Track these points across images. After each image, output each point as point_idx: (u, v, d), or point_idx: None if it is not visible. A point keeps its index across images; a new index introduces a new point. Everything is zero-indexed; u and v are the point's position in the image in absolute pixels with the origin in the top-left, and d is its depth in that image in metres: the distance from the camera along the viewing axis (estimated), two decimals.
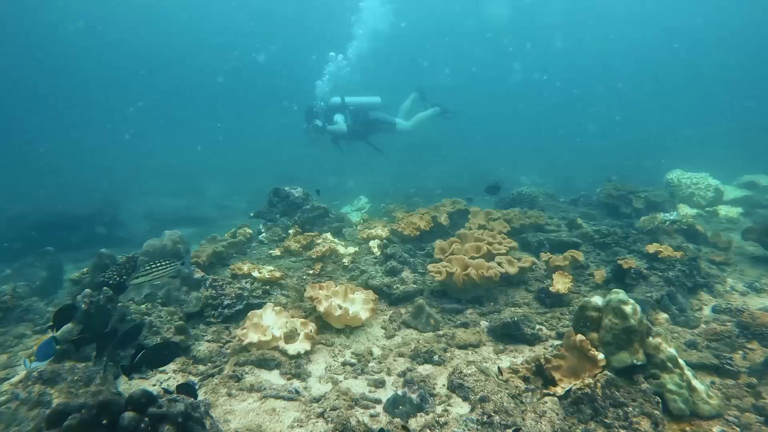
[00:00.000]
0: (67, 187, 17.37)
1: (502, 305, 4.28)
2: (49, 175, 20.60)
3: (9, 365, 3.69)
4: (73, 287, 5.21)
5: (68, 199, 12.20)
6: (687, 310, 3.90)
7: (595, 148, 24.15)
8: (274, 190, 6.48)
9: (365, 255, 5.37)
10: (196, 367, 3.42)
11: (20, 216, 10.34)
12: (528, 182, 16.32)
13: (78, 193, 14.25)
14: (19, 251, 9.63)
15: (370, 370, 3.39)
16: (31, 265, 7.39)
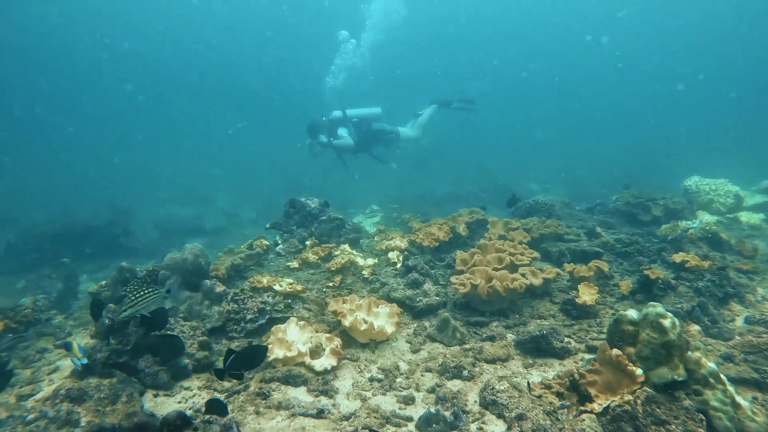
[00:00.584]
0: (80, 197, 17.46)
1: (527, 317, 4.21)
2: (63, 185, 20.72)
3: (33, 381, 3.65)
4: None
5: (81, 210, 12.22)
6: (719, 322, 3.82)
7: (603, 153, 24.07)
8: (290, 201, 6.45)
9: (384, 267, 5.32)
10: (221, 384, 3.36)
11: (34, 226, 10.35)
12: (537, 189, 16.26)
13: (91, 203, 14.26)
14: (34, 262, 9.64)
15: (398, 386, 3.33)
16: (47, 276, 7.37)
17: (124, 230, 11.27)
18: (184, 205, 16.79)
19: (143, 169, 24.87)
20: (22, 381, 3.65)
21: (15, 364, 3.95)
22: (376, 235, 6.53)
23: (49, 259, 9.56)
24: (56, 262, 7.71)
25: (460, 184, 17.26)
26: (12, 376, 3.21)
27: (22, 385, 3.60)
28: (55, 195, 18.12)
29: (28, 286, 7.36)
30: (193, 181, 20.68)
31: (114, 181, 21.34)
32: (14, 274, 9.76)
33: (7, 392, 3.54)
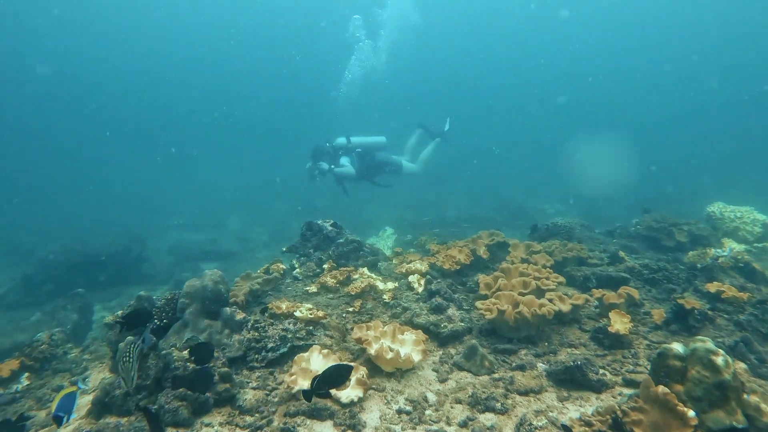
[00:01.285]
0: (95, 225, 17.52)
1: (557, 346, 4.06)
2: (78, 215, 20.85)
3: (48, 424, 3.53)
4: (108, 331, 5.10)
5: (96, 238, 12.23)
6: (767, 360, 3.64)
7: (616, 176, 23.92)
8: (307, 224, 6.37)
9: (405, 291, 5.20)
10: (243, 419, 3.23)
11: (50, 256, 10.34)
12: (552, 211, 16.12)
13: (105, 232, 14.28)
14: (49, 294, 9.61)
15: (428, 419, 3.18)
16: (62, 308, 7.32)
17: (139, 257, 11.25)
18: (196, 230, 16.80)
19: (155, 195, 25.02)
20: (38, 424, 3.53)
21: (30, 405, 3.85)
22: (394, 257, 6.42)
23: (64, 289, 9.52)
24: (71, 293, 7.67)
25: (476, 207, 17.18)
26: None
27: (37, 429, 3.49)
28: (70, 225, 18.23)
29: (42, 318, 7.30)
30: (204, 206, 20.74)
31: (127, 208, 21.46)
32: (29, 307, 9.72)
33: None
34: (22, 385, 4.08)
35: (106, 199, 24.88)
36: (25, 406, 3.84)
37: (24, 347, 4.42)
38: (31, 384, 4.13)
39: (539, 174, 24.43)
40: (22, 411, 3.60)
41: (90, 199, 25.53)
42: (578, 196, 18.29)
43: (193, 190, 24.72)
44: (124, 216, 19.20)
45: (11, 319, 9.00)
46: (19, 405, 3.88)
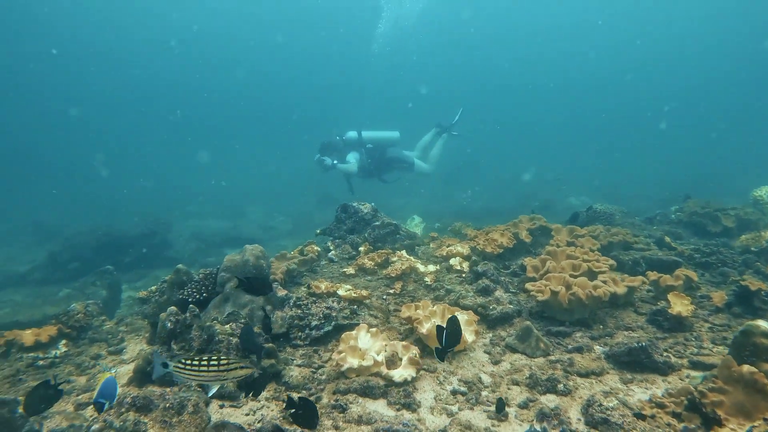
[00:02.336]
0: (120, 208, 17.65)
1: (612, 328, 3.85)
2: (103, 197, 21.06)
3: (90, 388, 3.44)
4: (142, 305, 5.01)
5: (122, 221, 12.26)
6: None
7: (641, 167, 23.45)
8: (342, 206, 6.23)
9: (447, 273, 5.02)
10: (290, 395, 3.09)
11: (76, 236, 10.38)
12: (578, 203, 15.80)
13: (130, 214, 14.35)
14: (75, 272, 9.64)
15: (485, 400, 3.01)
16: (92, 283, 7.28)
17: (163, 241, 11.23)
18: (218, 217, 16.80)
19: (178, 182, 25.16)
20: (79, 389, 3.44)
21: (70, 371, 3.76)
22: (430, 242, 6.24)
23: (89, 268, 9.54)
24: (100, 270, 7.63)
25: (499, 199, 16.94)
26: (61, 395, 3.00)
27: (79, 393, 3.40)
28: (97, 207, 18.39)
29: (72, 294, 7.28)
30: (226, 195, 20.76)
31: (151, 193, 21.61)
32: (56, 283, 9.77)
33: (63, 400, 3.33)
34: (60, 351, 4.00)
35: (130, 183, 25.14)
36: (65, 371, 3.76)
37: (60, 315, 4.34)
38: (69, 350, 4.05)
39: (562, 167, 24.05)
40: (61, 376, 3.52)
41: (113, 182, 25.82)
42: (607, 187, 17.97)
43: (214, 179, 24.74)
44: (149, 202, 19.31)
45: (39, 294, 9.04)
46: (58, 369, 3.80)
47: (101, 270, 7.64)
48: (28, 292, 9.54)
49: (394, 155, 9.61)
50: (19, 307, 7.71)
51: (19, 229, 15.64)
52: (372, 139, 9.49)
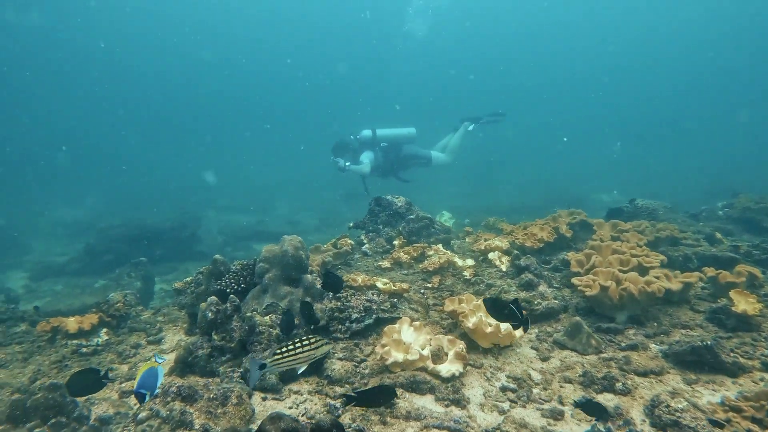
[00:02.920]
0: (152, 202, 17.92)
1: (667, 326, 3.66)
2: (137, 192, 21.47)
3: (132, 377, 3.41)
4: (178, 296, 4.99)
5: (153, 215, 12.40)
6: None
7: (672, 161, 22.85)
8: (375, 199, 6.12)
9: (486, 268, 4.87)
10: (333, 389, 3.00)
11: (110, 229, 10.53)
12: (609, 200, 15.42)
13: (161, 208, 14.54)
14: (110, 263, 9.78)
15: (537, 398, 2.87)
16: (126, 275, 7.33)
17: (193, 235, 11.30)
18: (245, 212, 16.88)
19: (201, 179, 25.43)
20: (122, 377, 3.42)
21: (112, 359, 3.75)
22: (465, 236, 6.10)
23: (123, 261, 9.66)
24: (135, 262, 7.69)
25: (527, 195, 16.66)
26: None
27: (122, 381, 3.37)
28: (130, 201, 18.72)
29: (108, 284, 7.35)
30: (252, 190, 20.89)
31: (180, 189, 21.90)
32: (91, 275, 9.94)
33: (108, 387, 3.31)
34: (102, 339, 3.99)
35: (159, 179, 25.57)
36: (107, 359, 3.75)
37: (100, 304, 4.34)
38: (110, 339, 4.04)
39: (591, 163, 23.58)
40: (108, 368, 3.51)
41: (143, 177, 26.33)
42: (634, 183, 17.52)
43: (240, 175, 24.95)
44: (178, 197, 19.57)
45: (77, 285, 9.22)
46: (100, 357, 3.79)
47: (135, 262, 7.70)
48: (67, 282, 9.75)
49: (410, 152, 9.27)
50: (59, 296, 7.85)
51: (55, 223, 15.98)
52: (387, 136, 9.17)
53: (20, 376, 3.66)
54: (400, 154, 9.18)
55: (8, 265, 11.67)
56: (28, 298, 9.11)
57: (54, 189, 23.87)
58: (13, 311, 4.78)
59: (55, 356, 3.81)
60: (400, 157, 9.18)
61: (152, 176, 26.87)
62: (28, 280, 10.30)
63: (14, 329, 4.56)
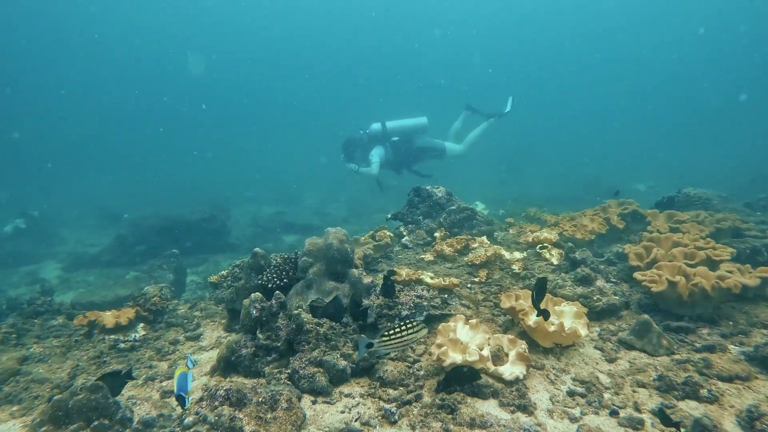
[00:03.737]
0: (182, 193, 18.03)
1: (745, 325, 3.37)
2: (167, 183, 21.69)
3: (172, 375, 3.27)
4: (214, 290, 4.86)
5: (183, 206, 12.40)
6: None
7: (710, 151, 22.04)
8: (414, 189, 5.89)
9: (536, 261, 4.62)
10: (386, 392, 2.79)
11: (141, 220, 10.53)
12: (645, 189, 14.93)
13: (190, 200, 14.58)
14: (141, 254, 9.79)
15: (610, 404, 2.63)
16: (159, 267, 7.26)
17: (223, 226, 11.24)
18: (273, 204, 16.83)
19: (232, 168, 25.57)
20: (162, 375, 3.28)
21: (150, 355, 3.62)
22: (508, 227, 5.84)
23: (154, 252, 9.65)
24: (167, 254, 7.62)
25: (557, 186, 16.24)
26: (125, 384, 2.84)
27: (162, 379, 3.23)
28: (160, 192, 18.88)
29: (140, 276, 7.31)
30: (280, 182, 20.85)
31: (209, 180, 22.03)
32: (123, 266, 9.97)
33: (147, 385, 3.18)
34: (139, 334, 3.88)
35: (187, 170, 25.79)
36: (146, 355, 3.64)
37: (137, 297, 4.23)
38: (147, 334, 3.93)
39: (625, 152, 22.91)
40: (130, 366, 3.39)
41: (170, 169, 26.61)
42: (672, 173, 16.93)
43: (268, 166, 24.98)
44: (207, 188, 19.67)
45: (109, 276, 9.28)
46: (139, 353, 3.68)
47: (167, 254, 7.64)
48: (99, 273, 9.82)
49: (423, 144, 8.92)
50: (92, 287, 7.86)
51: (87, 214, 16.18)
52: (397, 129, 8.83)
53: (59, 371, 3.57)
54: (412, 148, 8.86)
55: (43, 255, 11.83)
56: (62, 288, 9.17)
57: (85, 180, 24.28)
58: (50, 304, 4.70)
59: (93, 352, 3.70)
60: (412, 150, 8.86)
61: (179, 168, 27.12)
62: (62, 271, 10.40)
63: (51, 322, 4.48)
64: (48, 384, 3.36)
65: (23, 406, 3.15)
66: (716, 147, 22.90)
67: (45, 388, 3.31)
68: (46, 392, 3.24)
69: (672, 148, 23.87)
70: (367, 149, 8.82)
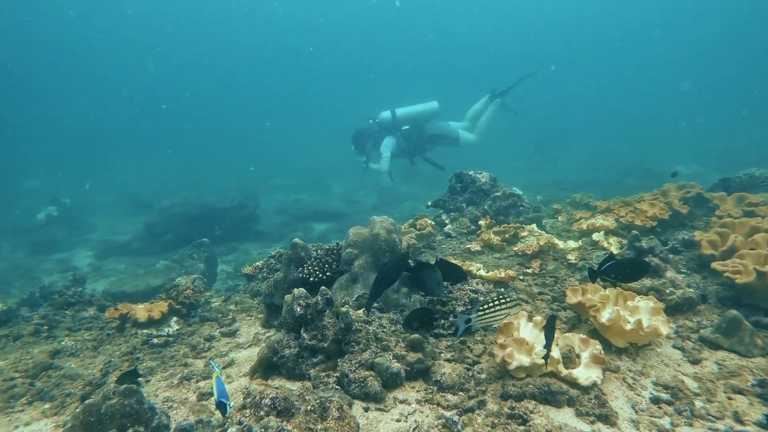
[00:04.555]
0: (209, 181, 18.03)
1: None
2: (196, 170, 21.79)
3: (209, 374, 3.05)
4: (248, 282, 4.65)
5: (211, 193, 12.29)
6: None
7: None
8: (456, 175, 5.57)
9: (592, 250, 4.27)
10: (445, 397, 2.52)
11: (170, 208, 10.44)
12: (688, 172, 14.26)
13: (219, 188, 14.52)
14: (170, 243, 9.71)
15: (704, 413, 2.31)
16: (189, 256, 7.11)
17: (252, 214, 11.09)
18: (301, 191, 16.65)
19: (258, 156, 25.55)
20: (198, 374, 3.06)
21: (185, 352, 3.41)
22: (555, 214, 5.48)
23: (183, 241, 9.56)
24: (197, 243, 7.46)
25: (593, 170, 15.67)
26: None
27: (198, 379, 3.01)
28: (189, 180, 18.92)
29: (171, 265, 7.17)
30: (305, 170, 20.66)
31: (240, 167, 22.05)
32: (153, 254, 9.91)
33: (183, 386, 2.96)
34: (173, 329, 3.68)
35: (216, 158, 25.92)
36: (180, 351, 3.43)
37: (169, 289, 4.04)
38: (181, 329, 3.72)
39: (662, 133, 22.02)
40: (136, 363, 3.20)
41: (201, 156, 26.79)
42: (714, 153, 16.17)
43: (294, 154, 24.83)
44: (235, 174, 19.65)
45: (139, 264, 9.26)
46: (174, 349, 3.48)
47: (198, 243, 7.48)
48: (130, 261, 9.81)
49: (435, 131, 8.51)
50: (123, 276, 7.80)
51: (117, 202, 16.29)
52: (407, 116, 8.43)
53: (91, 367, 3.39)
54: (424, 136, 8.46)
55: (74, 242, 11.92)
56: (94, 276, 9.17)
57: (115, 167, 24.54)
58: (81, 295, 4.55)
59: (125, 347, 3.52)
60: (424, 138, 8.47)
61: (209, 155, 27.27)
62: (93, 258, 10.43)
63: (83, 314, 4.33)
64: (80, 381, 3.18)
65: (55, 404, 2.99)
66: (759, 127, 21.77)
67: (77, 385, 3.14)
68: (78, 390, 3.07)
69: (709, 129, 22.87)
70: (378, 140, 8.51)
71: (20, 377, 3.33)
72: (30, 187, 20.97)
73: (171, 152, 29.48)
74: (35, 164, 26.32)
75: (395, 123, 8.42)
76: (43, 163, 26.08)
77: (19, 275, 9.62)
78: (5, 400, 3.07)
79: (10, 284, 9.09)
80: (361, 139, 8.57)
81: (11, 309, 4.40)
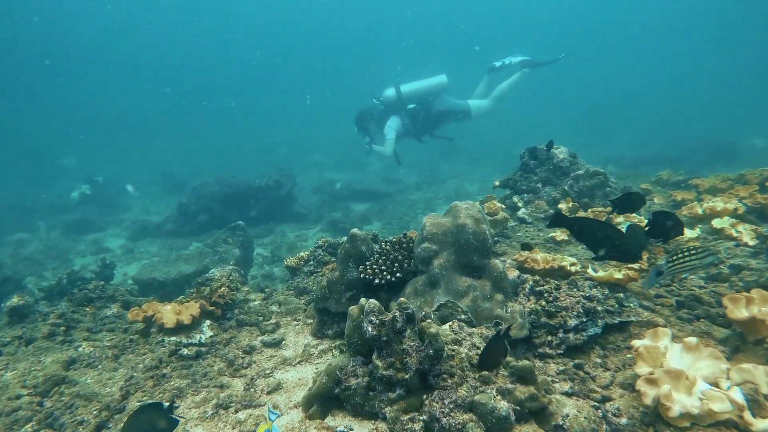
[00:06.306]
0: (242, 157, 17.60)
1: None
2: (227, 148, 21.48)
3: (251, 402, 2.40)
4: (293, 277, 4.01)
5: (245, 171, 11.77)
6: None
7: None
8: (529, 150, 4.77)
9: (712, 241, 3.45)
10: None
11: (203, 187, 9.91)
12: (766, 145, 12.99)
13: (255, 165, 14.02)
14: (204, 224, 9.23)
15: None
16: (224, 241, 6.53)
17: (289, 194, 10.48)
18: (338, 170, 16.00)
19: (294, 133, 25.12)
20: (237, 401, 2.42)
21: (221, 368, 2.78)
22: (648, 195, 4.65)
23: (217, 222, 9.03)
24: (232, 226, 6.87)
25: (652, 145, 14.48)
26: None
27: (238, 408, 2.37)
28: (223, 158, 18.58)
29: (204, 250, 6.61)
30: (344, 146, 20.01)
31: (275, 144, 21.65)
32: (186, 236, 9.45)
33: (219, 417, 2.33)
34: (206, 336, 3.07)
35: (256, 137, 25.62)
36: (215, 367, 2.80)
37: (201, 285, 3.44)
38: (215, 336, 3.10)
39: (729, 105, 20.34)
40: (172, 398, 2.53)
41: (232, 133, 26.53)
42: None
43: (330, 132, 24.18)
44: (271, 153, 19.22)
45: (172, 246, 8.85)
46: (207, 363, 2.86)
47: (232, 226, 6.89)
48: (162, 243, 9.42)
49: (444, 108, 7.72)
50: (155, 260, 7.38)
51: (151, 180, 16.00)
52: (413, 93, 7.65)
53: (110, 383, 2.81)
54: (431, 113, 7.66)
55: (108, 222, 11.62)
56: (126, 258, 8.79)
57: (147, 147, 24.42)
58: (103, 289, 4.00)
59: (149, 360, 2.91)
60: (432, 116, 7.67)
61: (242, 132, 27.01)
62: (126, 240, 10.09)
63: (105, 312, 3.78)
64: (95, 403, 2.61)
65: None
66: None
67: (92, 408, 2.56)
68: (92, 417, 2.48)
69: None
70: (383, 120, 7.78)
71: (28, 394, 2.78)
72: (67, 165, 20.95)
73: (214, 133, 29.52)
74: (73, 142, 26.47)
75: (400, 101, 7.67)
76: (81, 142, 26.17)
77: (53, 256, 9.34)
78: (7, 425, 2.52)
79: (44, 266, 8.81)
80: (364, 120, 7.91)
81: (28, 304, 3.89)
